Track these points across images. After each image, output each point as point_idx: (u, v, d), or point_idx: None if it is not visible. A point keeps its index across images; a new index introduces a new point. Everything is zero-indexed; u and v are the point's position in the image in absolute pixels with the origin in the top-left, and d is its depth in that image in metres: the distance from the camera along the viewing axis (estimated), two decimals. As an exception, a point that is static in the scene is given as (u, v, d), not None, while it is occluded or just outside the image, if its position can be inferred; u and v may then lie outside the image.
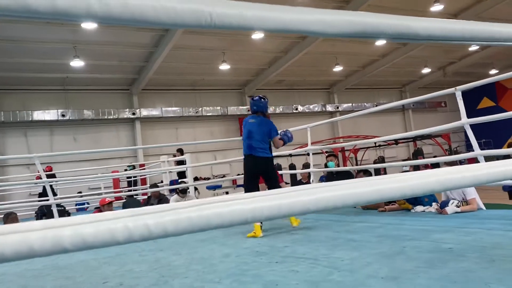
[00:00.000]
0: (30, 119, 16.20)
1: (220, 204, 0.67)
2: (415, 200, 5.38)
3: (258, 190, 4.77)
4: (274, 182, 5.15)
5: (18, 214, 7.54)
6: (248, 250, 3.87)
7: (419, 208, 5.29)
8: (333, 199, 0.74)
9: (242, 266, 3.21)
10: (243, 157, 5.24)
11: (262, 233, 4.51)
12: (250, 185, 5.15)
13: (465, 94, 4.89)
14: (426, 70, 22.94)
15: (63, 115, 16.65)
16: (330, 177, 7.52)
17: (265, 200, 0.69)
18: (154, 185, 9.04)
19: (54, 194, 8.36)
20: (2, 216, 7.00)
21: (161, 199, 8.06)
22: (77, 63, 14.68)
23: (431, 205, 5.20)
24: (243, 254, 3.68)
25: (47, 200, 8.90)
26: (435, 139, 17.82)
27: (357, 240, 3.81)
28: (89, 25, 12.61)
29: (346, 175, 6.83)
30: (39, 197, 10.92)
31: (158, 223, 0.62)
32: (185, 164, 9.88)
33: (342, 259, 3.10)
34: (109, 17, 0.65)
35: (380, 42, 17.67)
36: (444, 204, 4.77)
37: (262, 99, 5.21)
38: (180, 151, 11.46)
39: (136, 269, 3.52)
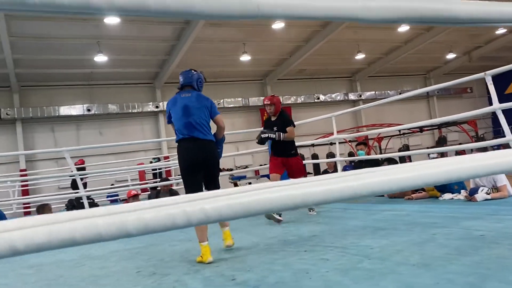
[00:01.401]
0: (57, 114, 16.57)
1: (271, 190, 0.69)
2: (444, 188, 5.31)
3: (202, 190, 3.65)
4: (217, 182, 3.80)
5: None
6: (276, 239, 3.90)
7: (448, 195, 5.22)
8: (381, 184, 0.75)
9: (271, 255, 3.24)
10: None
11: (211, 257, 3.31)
12: (195, 184, 3.66)
13: (492, 79, 4.78)
14: (451, 56, 22.40)
15: (88, 110, 16.96)
16: (359, 166, 7.43)
17: (315, 186, 0.71)
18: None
19: (85, 187, 8.56)
20: (36, 208, 7.24)
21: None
22: (101, 58, 14.90)
23: (459, 193, 5.13)
24: (271, 244, 3.72)
25: (77, 192, 9.15)
26: (461, 126, 17.45)
27: (385, 228, 3.80)
28: (112, 20, 12.77)
29: (375, 164, 6.68)
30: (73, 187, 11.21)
31: (214, 208, 0.65)
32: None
33: (371, 247, 3.10)
34: (165, 11, 0.67)
35: (403, 28, 17.33)
36: (474, 191, 4.70)
37: (194, 71, 3.91)
38: None
39: (167, 258, 3.60)
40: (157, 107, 18.23)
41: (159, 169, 13.72)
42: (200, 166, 3.63)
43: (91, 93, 17.51)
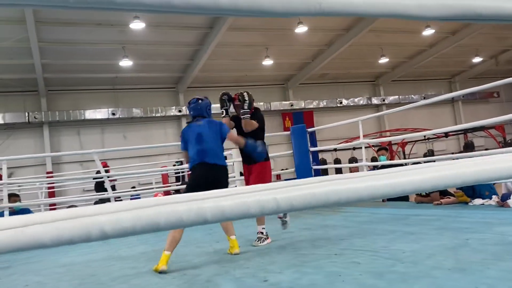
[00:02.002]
0: (83, 118, 16.92)
1: (337, 182, 0.69)
2: (474, 193, 5.20)
3: None
4: None
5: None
6: (304, 243, 3.89)
7: (478, 201, 5.11)
8: (444, 178, 0.75)
9: (300, 258, 3.23)
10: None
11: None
12: None
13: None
14: (477, 59, 21.99)
15: (113, 114, 17.26)
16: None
17: (379, 179, 0.71)
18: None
19: (113, 188, 8.69)
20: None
21: None
22: (125, 63, 15.16)
23: (490, 198, 5.01)
24: (300, 247, 3.71)
25: (103, 194, 9.30)
26: (488, 131, 17.08)
27: (416, 233, 3.74)
28: (137, 25, 12.98)
29: None
30: (96, 190, 11.44)
31: (285, 198, 0.66)
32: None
33: (403, 251, 3.06)
34: (235, 9, 0.69)
35: (428, 32, 17.10)
36: (506, 197, 4.59)
37: (200, 100, 4.08)
38: None
39: (195, 260, 3.62)
40: (179, 111, 18.42)
41: (182, 172, 13.85)
42: (206, 187, 3.71)
43: (115, 97, 17.82)
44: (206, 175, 3.83)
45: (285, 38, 16.18)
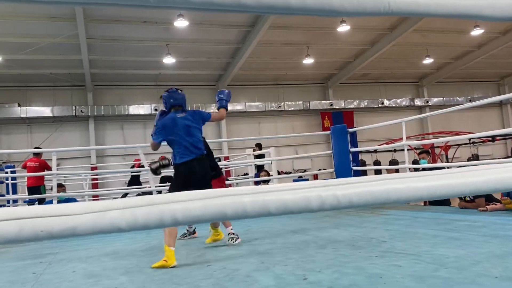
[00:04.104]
0: (126, 113, 17.45)
1: (397, 181, 0.70)
2: (523, 200, 4.98)
3: None
4: None
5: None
6: (344, 243, 3.86)
7: (527, 208, 4.90)
8: (506, 181, 0.73)
9: (340, 258, 3.21)
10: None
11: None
12: None
13: None
14: (529, 61, 21.02)
15: (155, 110, 17.67)
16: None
17: (438, 179, 0.71)
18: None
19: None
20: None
21: None
22: (169, 60, 15.50)
23: (541, 206, 4.80)
24: (340, 247, 3.68)
25: (142, 187, 9.57)
26: (538, 136, 16.29)
27: (460, 239, 3.63)
28: (181, 23, 13.24)
29: None
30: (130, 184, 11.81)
31: (345, 194, 0.67)
32: (264, 158, 10.31)
33: (447, 256, 2.98)
34: (304, 8, 0.71)
35: (477, 32, 16.49)
36: (558, 205, 4.38)
37: (179, 90, 4.17)
38: (259, 146, 11.71)
39: (235, 255, 3.67)
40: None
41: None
42: (197, 184, 3.71)
43: (158, 94, 18.18)
44: (201, 171, 3.79)
45: (327, 36, 16.04)
